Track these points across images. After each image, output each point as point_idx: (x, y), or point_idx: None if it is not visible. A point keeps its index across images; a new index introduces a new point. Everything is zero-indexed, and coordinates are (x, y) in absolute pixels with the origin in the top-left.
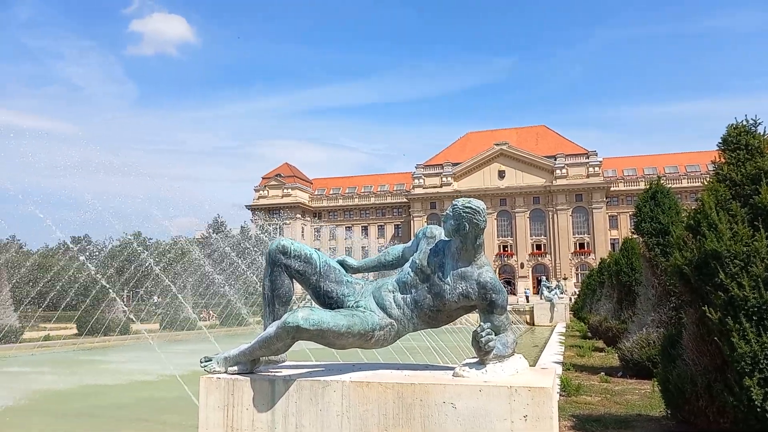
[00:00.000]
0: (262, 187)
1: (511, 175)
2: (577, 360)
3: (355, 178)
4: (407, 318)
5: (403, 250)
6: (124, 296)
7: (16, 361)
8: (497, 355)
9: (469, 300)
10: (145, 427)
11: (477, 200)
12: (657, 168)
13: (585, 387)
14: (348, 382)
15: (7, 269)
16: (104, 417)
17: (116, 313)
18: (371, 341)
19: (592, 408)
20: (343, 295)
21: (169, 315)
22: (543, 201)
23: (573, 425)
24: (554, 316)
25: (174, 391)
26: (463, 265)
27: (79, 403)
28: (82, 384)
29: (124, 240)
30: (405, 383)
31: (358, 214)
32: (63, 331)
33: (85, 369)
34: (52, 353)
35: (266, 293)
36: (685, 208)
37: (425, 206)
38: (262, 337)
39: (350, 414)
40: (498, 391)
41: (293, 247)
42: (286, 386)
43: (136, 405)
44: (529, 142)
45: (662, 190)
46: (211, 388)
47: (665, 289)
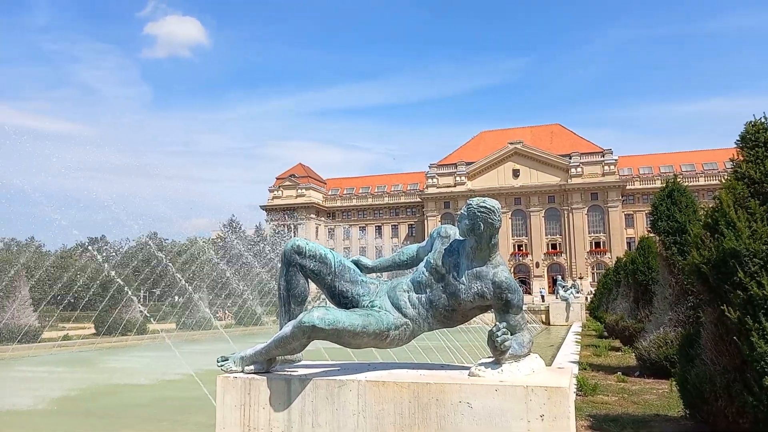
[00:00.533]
0: (276, 187)
1: (526, 174)
2: (593, 359)
3: (369, 178)
4: (422, 318)
5: (417, 250)
6: (140, 296)
7: (35, 360)
8: (513, 355)
9: (485, 300)
10: (163, 427)
11: (492, 199)
12: (673, 166)
13: (601, 387)
14: (364, 382)
15: (26, 270)
16: (123, 416)
17: (133, 312)
18: (386, 341)
19: (609, 408)
20: (358, 295)
21: (185, 315)
22: (558, 200)
23: (590, 425)
24: (570, 315)
25: (191, 390)
26: (478, 264)
27: (98, 403)
28: (101, 383)
29: (141, 240)
30: (421, 383)
31: (371, 213)
32: (81, 331)
33: (103, 368)
34: (70, 353)
35: (282, 293)
36: (703, 207)
37: (439, 206)
38: (278, 336)
39: (366, 413)
40: (514, 391)
41: (308, 247)
42: (303, 385)
43: (153, 404)
44: (544, 141)
45: (679, 188)
46: (228, 388)
47: (682, 288)
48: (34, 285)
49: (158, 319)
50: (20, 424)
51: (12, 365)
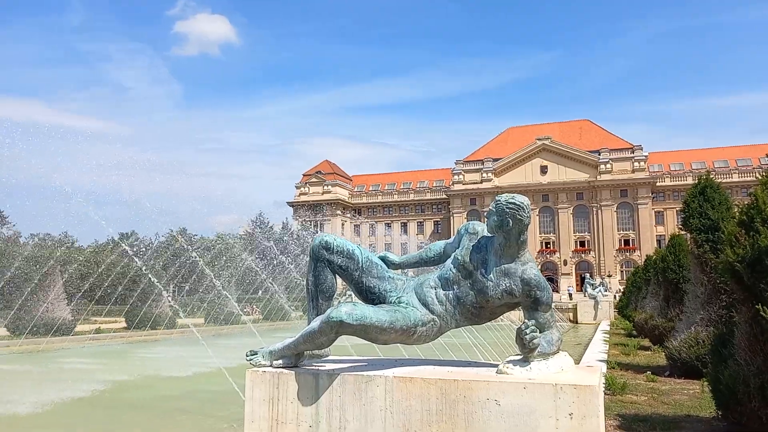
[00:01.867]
0: (303, 184)
1: (554, 171)
2: (622, 358)
3: (395, 175)
4: (449, 314)
5: (444, 247)
6: (170, 291)
7: (69, 353)
8: (542, 353)
9: (513, 297)
10: (193, 420)
11: (521, 196)
12: (706, 162)
13: (630, 386)
14: (391, 378)
15: (60, 264)
16: (155, 409)
17: (163, 307)
18: (413, 337)
19: (639, 407)
20: (385, 291)
21: (213, 309)
22: (587, 197)
23: (619, 425)
24: (598, 313)
25: (220, 384)
26: (507, 261)
27: (131, 395)
28: (132, 376)
29: (171, 236)
30: (448, 379)
31: (397, 210)
32: (113, 325)
33: (135, 362)
34: (102, 346)
35: (310, 288)
36: (737, 204)
37: (465, 202)
38: (306, 331)
39: (394, 409)
40: (543, 389)
41: (336, 242)
42: (330, 380)
43: (183, 397)
44: (572, 137)
45: (712, 184)
46: (257, 381)
47: (715, 286)
48: (68, 279)
49: (187, 314)
50: (61, 414)
51: (50, 358)
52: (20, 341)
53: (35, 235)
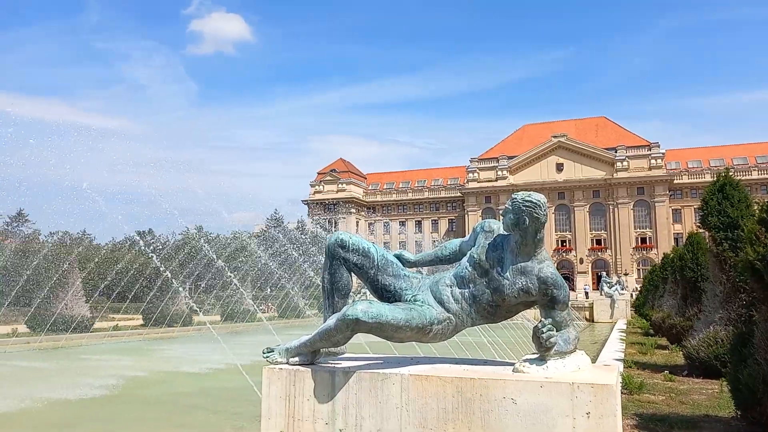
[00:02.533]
0: (317, 182)
1: (570, 168)
2: (639, 357)
3: (409, 173)
4: (465, 313)
5: (460, 245)
6: (186, 288)
7: (88, 349)
8: (558, 352)
9: (529, 295)
10: (210, 416)
11: (537, 194)
12: (724, 159)
13: (648, 385)
14: (407, 376)
15: (78, 262)
16: (171, 405)
17: (179, 304)
18: (429, 335)
19: (656, 407)
20: (400, 289)
21: (229, 307)
22: (603, 194)
23: (636, 424)
24: (615, 312)
25: (236, 380)
26: (523, 260)
27: (147, 391)
28: (149, 373)
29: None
30: (464, 378)
31: (411, 208)
32: (130, 322)
33: (152, 358)
34: (120, 342)
35: (325, 286)
36: (757, 201)
37: (480, 200)
38: (323, 329)
39: (410, 407)
40: (559, 388)
41: (351, 240)
42: (346, 378)
43: (200, 394)
44: (589, 134)
45: (731, 182)
46: (273, 379)
47: (734, 285)
48: (86, 277)
49: (203, 311)
50: (79, 409)
51: (69, 354)
52: (40, 338)
53: (54, 233)
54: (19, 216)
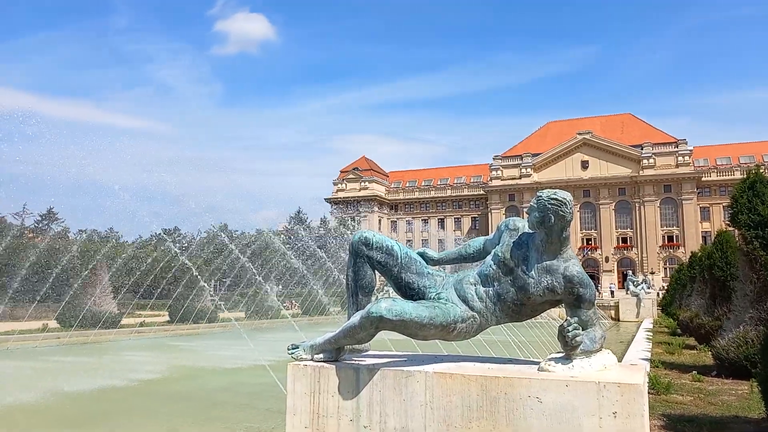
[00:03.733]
0: (340, 180)
1: (595, 166)
2: (666, 357)
3: (432, 171)
4: (490, 311)
5: (484, 243)
6: (211, 285)
7: (115, 345)
8: (584, 351)
9: (555, 294)
10: (236, 412)
11: (563, 191)
12: (754, 156)
13: (675, 386)
14: (431, 373)
15: (106, 259)
16: (197, 400)
17: (205, 301)
18: (453, 333)
19: (684, 408)
20: (424, 287)
21: (254, 304)
22: (629, 192)
23: (663, 425)
24: (641, 311)
25: (261, 377)
26: (549, 258)
27: (173, 387)
28: (176, 369)
29: (212, 232)
30: (489, 376)
31: (434, 206)
32: (156, 318)
33: (178, 354)
34: (147, 339)
35: (349, 284)
36: None
37: (503, 198)
38: (347, 326)
39: (434, 405)
40: (585, 387)
41: (375, 238)
42: (371, 375)
43: (226, 389)
44: (614, 131)
45: (762, 179)
46: (298, 375)
47: (765, 284)
48: (114, 274)
49: (228, 308)
50: (107, 403)
51: (98, 349)
52: (69, 333)
53: (83, 231)
54: (49, 214)
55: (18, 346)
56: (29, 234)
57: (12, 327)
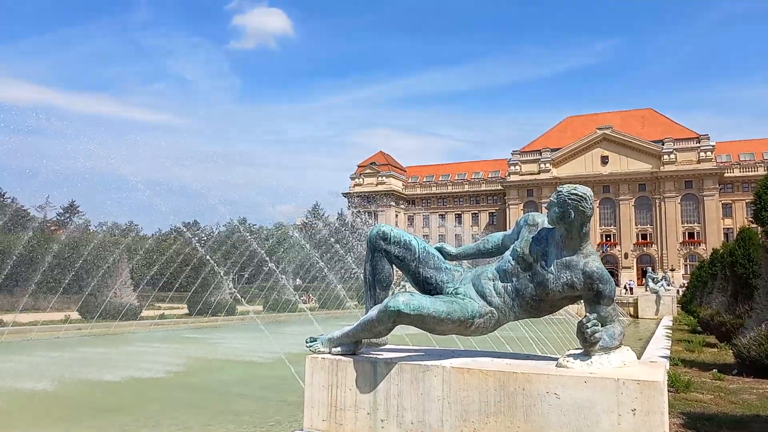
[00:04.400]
0: (357, 175)
1: (615, 161)
2: (685, 355)
3: (449, 166)
4: (508, 307)
5: (503, 238)
6: (229, 279)
7: (136, 336)
8: (603, 347)
9: (574, 290)
10: (254, 403)
11: (583, 186)
12: None
13: (695, 384)
14: (449, 368)
15: (126, 253)
16: (216, 392)
17: (223, 294)
18: (470, 328)
19: (704, 406)
20: (442, 282)
21: (272, 297)
22: (649, 188)
23: (683, 423)
24: (660, 308)
25: (279, 369)
26: (568, 253)
27: (193, 378)
28: (194, 360)
29: (231, 226)
30: (507, 371)
31: (451, 201)
32: (176, 311)
33: (196, 346)
34: (166, 331)
35: (367, 278)
36: None
37: (521, 194)
38: (364, 320)
39: (451, 399)
40: (604, 383)
41: (393, 233)
42: (388, 369)
43: (244, 382)
44: (635, 127)
45: None
46: (316, 368)
47: None
48: (134, 267)
49: (247, 301)
50: (130, 393)
51: (119, 341)
52: (91, 325)
53: (103, 224)
54: (71, 207)
55: (41, 337)
56: (52, 227)
57: (35, 318)
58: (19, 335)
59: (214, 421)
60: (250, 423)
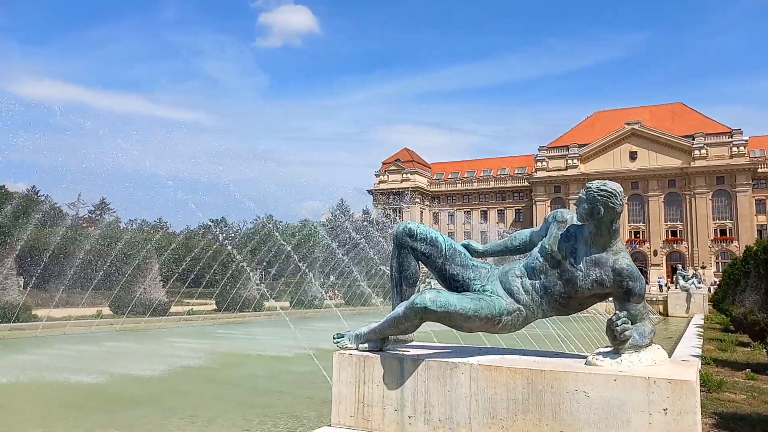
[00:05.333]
0: (382, 171)
1: (644, 157)
2: (717, 354)
3: (474, 162)
4: (536, 304)
5: (530, 235)
6: (257, 275)
7: (165, 332)
8: (633, 345)
9: (604, 287)
10: (282, 399)
11: (613, 182)
12: None
13: (728, 383)
14: (476, 365)
15: (155, 249)
16: (245, 387)
17: (251, 290)
18: (498, 326)
19: (737, 406)
20: (468, 279)
21: (298, 293)
22: (679, 184)
23: (715, 423)
24: (691, 307)
25: (307, 365)
26: (597, 250)
27: (222, 373)
28: (223, 356)
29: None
30: (535, 369)
31: (476, 198)
32: (204, 307)
33: (225, 342)
34: (195, 326)
35: (393, 274)
36: None
37: (548, 190)
38: (391, 316)
39: (479, 397)
40: (634, 382)
41: (419, 230)
42: (415, 365)
43: (272, 377)
44: (664, 121)
45: None
46: (343, 364)
47: None
48: (163, 263)
49: (274, 297)
50: (159, 387)
51: (149, 336)
52: (121, 320)
53: (133, 221)
54: (102, 204)
55: (74, 331)
56: (83, 223)
57: (68, 313)
58: (53, 330)
59: (241, 416)
60: (277, 417)
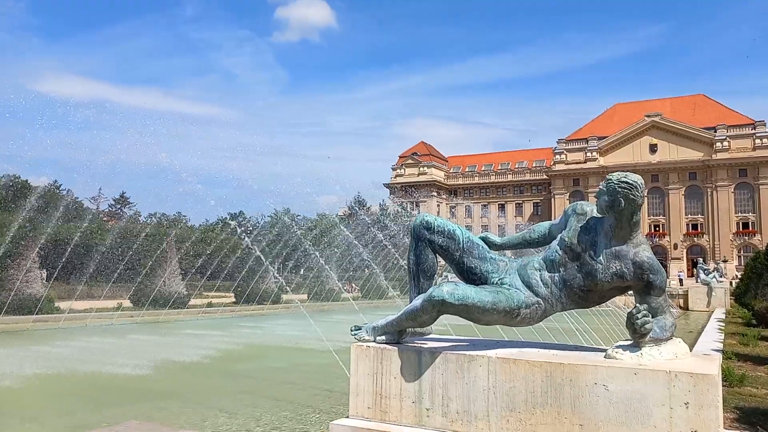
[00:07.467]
0: (399, 165)
1: (664, 149)
2: (739, 349)
3: (492, 155)
4: (555, 297)
5: (549, 228)
6: (275, 268)
7: (185, 324)
8: (654, 339)
9: (624, 280)
10: (300, 391)
11: (634, 174)
12: None
13: (750, 378)
14: (494, 358)
15: (175, 242)
16: (263, 379)
17: (269, 283)
18: (516, 319)
19: (759, 401)
20: (486, 272)
21: (316, 286)
22: (700, 177)
23: (737, 417)
24: (712, 301)
25: (324, 357)
26: (618, 243)
27: (240, 365)
28: (241, 348)
29: (276, 216)
30: (554, 362)
31: (494, 191)
32: (223, 299)
33: (243, 334)
34: (214, 319)
35: (411, 267)
36: None
37: (567, 183)
38: (409, 309)
39: (497, 390)
40: (655, 376)
41: (437, 222)
42: (433, 358)
43: (290, 369)
44: (685, 113)
45: None
46: (361, 356)
47: None
48: (182, 257)
49: (291, 290)
50: (180, 379)
51: (169, 328)
52: (142, 312)
53: (153, 215)
54: (122, 198)
55: (96, 323)
56: (104, 218)
57: (90, 305)
58: (75, 321)
59: (259, 407)
60: (295, 409)
